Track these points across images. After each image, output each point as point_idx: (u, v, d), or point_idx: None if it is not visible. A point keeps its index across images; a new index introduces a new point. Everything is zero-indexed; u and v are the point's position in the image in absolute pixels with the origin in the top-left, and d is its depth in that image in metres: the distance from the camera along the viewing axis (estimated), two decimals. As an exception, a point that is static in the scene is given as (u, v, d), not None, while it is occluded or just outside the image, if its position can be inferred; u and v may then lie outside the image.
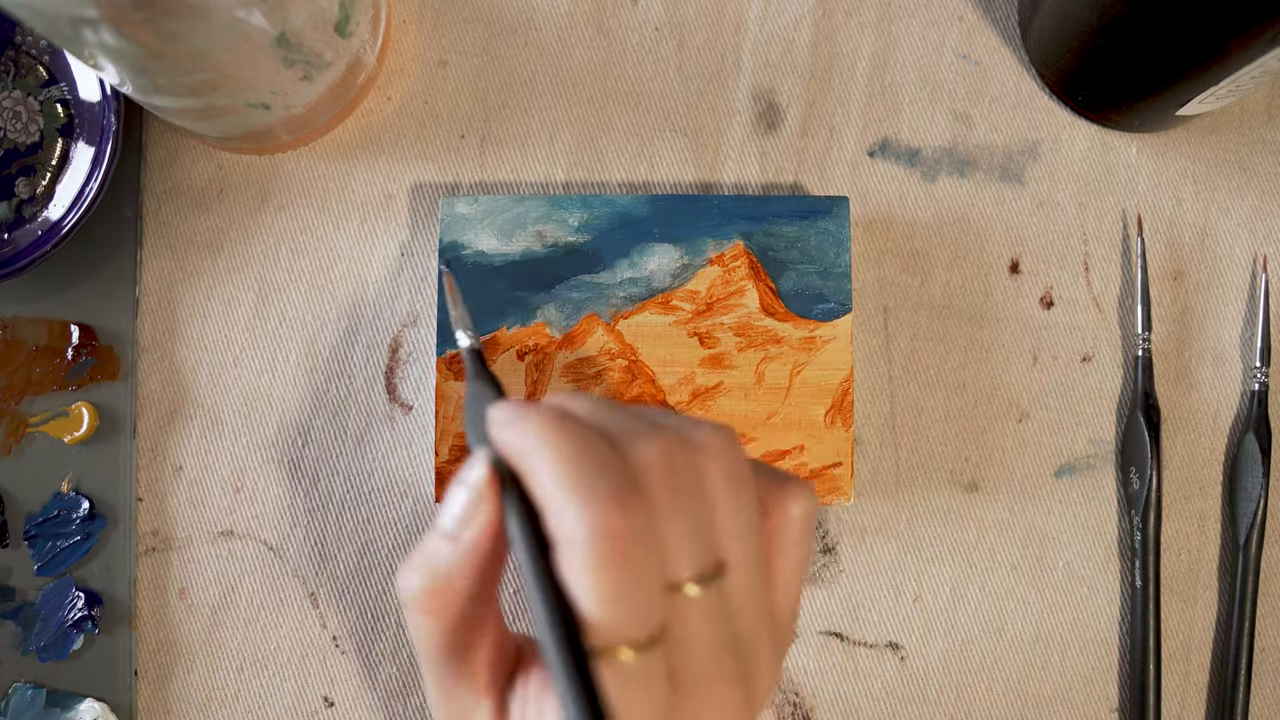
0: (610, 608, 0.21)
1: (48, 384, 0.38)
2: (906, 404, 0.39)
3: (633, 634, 0.21)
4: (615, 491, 0.21)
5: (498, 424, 0.24)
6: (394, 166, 0.39)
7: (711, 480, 0.23)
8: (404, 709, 0.38)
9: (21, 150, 0.38)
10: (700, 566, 0.22)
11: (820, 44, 0.39)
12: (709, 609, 0.22)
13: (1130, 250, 0.39)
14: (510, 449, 0.23)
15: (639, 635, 0.21)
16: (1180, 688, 0.38)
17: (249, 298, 0.39)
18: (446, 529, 0.23)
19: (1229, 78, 0.32)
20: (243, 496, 0.38)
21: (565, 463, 0.22)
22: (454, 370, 0.36)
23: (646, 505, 0.21)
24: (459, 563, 0.23)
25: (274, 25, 0.30)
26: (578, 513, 0.21)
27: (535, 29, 0.40)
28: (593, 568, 0.21)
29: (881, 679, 0.38)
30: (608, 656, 0.21)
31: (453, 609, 0.23)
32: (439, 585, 0.23)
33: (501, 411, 0.24)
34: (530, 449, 0.22)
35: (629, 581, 0.21)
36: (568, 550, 0.21)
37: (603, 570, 0.21)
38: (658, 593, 0.21)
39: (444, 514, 0.24)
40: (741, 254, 0.36)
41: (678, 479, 0.22)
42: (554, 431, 0.22)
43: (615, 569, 0.21)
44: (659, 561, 0.21)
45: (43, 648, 0.37)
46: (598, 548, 0.21)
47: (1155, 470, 0.37)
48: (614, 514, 0.21)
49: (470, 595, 0.23)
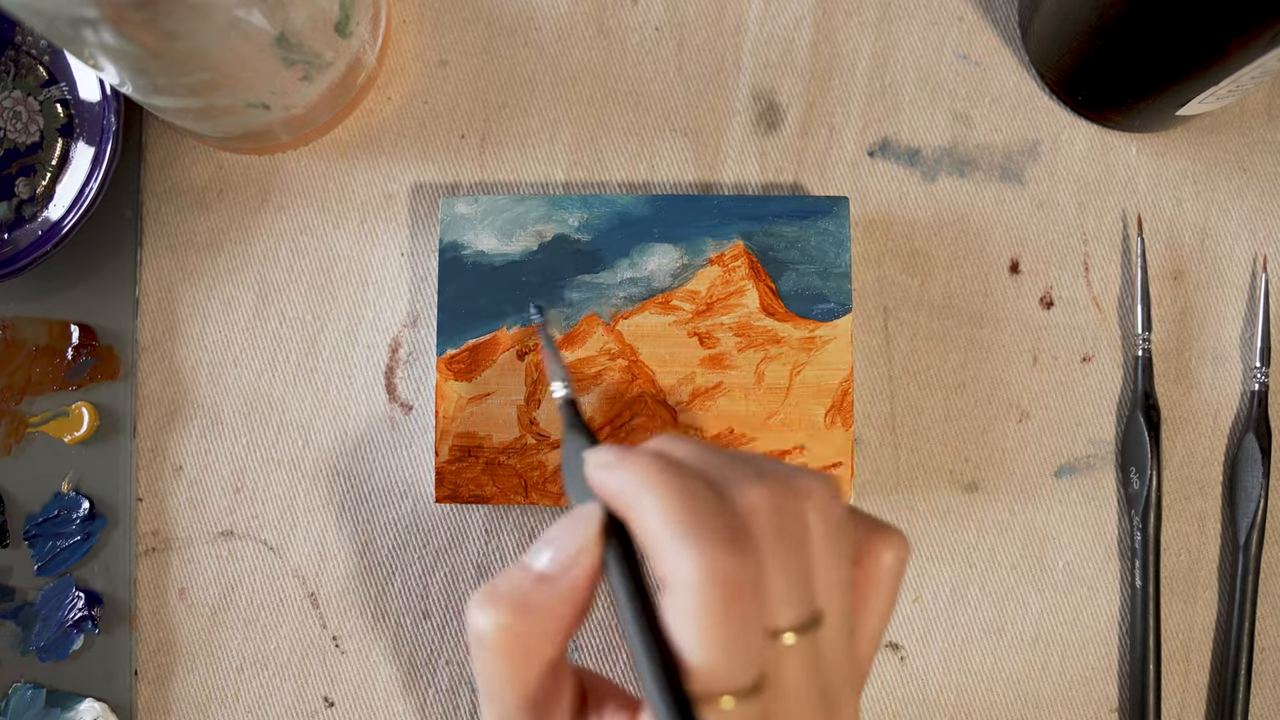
0: (716, 654, 0.20)
1: (48, 384, 0.38)
2: (906, 404, 0.39)
3: (736, 682, 0.21)
4: (726, 536, 0.21)
5: (598, 468, 0.23)
6: (394, 166, 0.39)
7: (813, 529, 0.23)
8: (404, 709, 0.38)
9: (21, 150, 0.38)
10: (799, 615, 0.22)
11: (820, 44, 0.39)
12: (804, 659, 0.22)
13: (1130, 250, 0.39)
14: (612, 493, 0.23)
15: (742, 683, 0.21)
16: (1180, 688, 0.38)
17: (249, 298, 0.39)
18: (542, 569, 0.23)
19: (1229, 78, 0.32)
20: (243, 496, 0.38)
21: (674, 507, 0.21)
22: (454, 370, 0.36)
23: (754, 551, 0.21)
24: (550, 605, 0.22)
25: (274, 25, 0.30)
26: (688, 557, 0.21)
27: (535, 29, 0.40)
28: (702, 613, 0.20)
29: (881, 679, 0.38)
30: (709, 704, 0.20)
31: (536, 653, 0.23)
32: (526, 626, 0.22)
33: (601, 455, 0.24)
34: (636, 493, 0.22)
35: (737, 628, 0.21)
36: (676, 595, 0.21)
37: (712, 616, 0.20)
38: (761, 640, 0.21)
39: (540, 555, 0.23)
40: (741, 254, 0.36)
41: (783, 526, 0.22)
42: (660, 476, 0.22)
43: (724, 615, 0.20)
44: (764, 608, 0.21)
45: (43, 648, 0.37)
46: (708, 593, 0.20)
47: (1155, 470, 0.37)
48: (725, 559, 0.21)
49: (556, 640, 0.23)
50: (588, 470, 0.24)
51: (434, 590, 0.38)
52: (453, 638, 0.38)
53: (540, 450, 0.36)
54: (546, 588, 0.23)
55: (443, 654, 0.38)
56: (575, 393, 0.29)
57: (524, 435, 0.36)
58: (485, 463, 0.36)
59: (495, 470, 0.36)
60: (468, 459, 0.36)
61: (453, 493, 0.36)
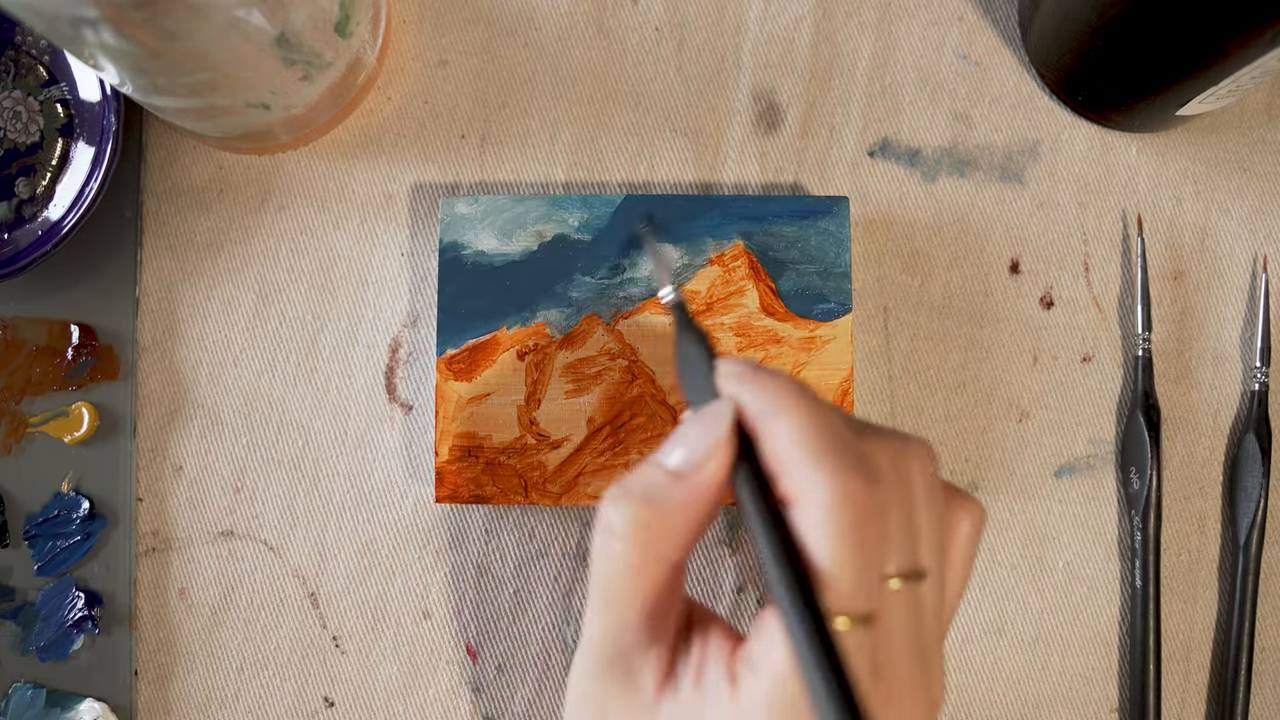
0: (845, 571, 0.21)
1: (48, 384, 0.38)
2: (906, 404, 0.39)
3: (857, 605, 0.21)
4: (860, 464, 0.22)
5: (732, 377, 0.24)
6: (394, 166, 0.39)
7: (917, 487, 0.23)
8: (404, 709, 0.38)
9: (21, 150, 0.38)
10: (906, 563, 0.22)
11: (820, 44, 0.39)
12: (908, 608, 0.22)
13: (1130, 250, 0.39)
14: (747, 405, 0.23)
15: (861, 608, 0.21)
16: (1180, 688, 0.38)
17: (249, 298, 0.39)
18: (676, 466, 0.23)
19: (1229, 78, 0.32)
20: (243, 496, 0.38)
21: (811, 428, 0.22)
22: (454, 370, 0.36)
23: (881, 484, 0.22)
24: (682, 502, 0.23)
25: (274, 25, 0.30)
26: (825, 476, 0.21)
27: (535, 29, 0.40)
28: (835, 530, 0.21)
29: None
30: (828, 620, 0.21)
31: (662, 550, 0.23)
32: (655, 519, 0.23)
33: (735, 365, 0.24)
34: (774, 409, 0.22)
35: (864, 550, 0.21)
36: (808, 511, 0.21)
37: (845, 534, 0.21)
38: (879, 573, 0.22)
39: (672, 452, 0.23)
40: (741, 254, 0.36)
41: (899, 473, 0.23)
42: (797, 397, 0.23)
43: (856, 535, 0.21)
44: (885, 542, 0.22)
45: (43, 648, 0.37)
46: (842, 512, 0.21)
47: (1155, 470, 0.37)
48: (859, 483, 0.21)
49: (683, 540, 0.23)
50: (720, 377, 0.24)
51: (434, 590, 0.38)
52: (453, 638, 0.38)
53: (540, 450, 0.36)
54: (679, 484, 0.23)
55: (443, 654, 0.38)
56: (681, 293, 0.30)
57: (524, 435, 0.36)
58: (485, 463, 0.36)
59: (495, 470, 0.36)
60: (468, 459, 0.36)
61: (453, 493, 0.36)
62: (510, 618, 0.38)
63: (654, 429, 0.36)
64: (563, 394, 0.36)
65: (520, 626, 0.38)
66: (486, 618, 0.38)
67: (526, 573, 0.38)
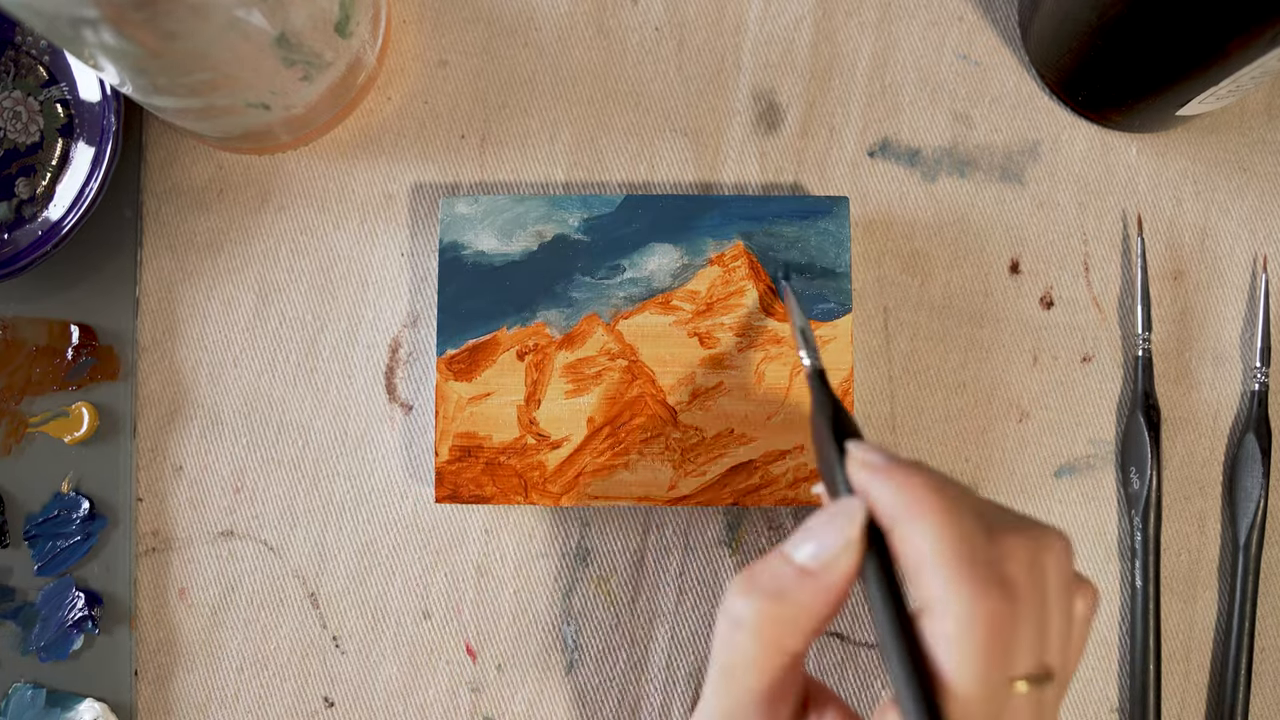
0: (971, 687, 0.21)
1: (48, 384, 0.38)
2: (906, 404, 0.39)
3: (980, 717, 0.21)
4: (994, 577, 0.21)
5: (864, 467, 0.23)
6: (394, 166, 0.39)
7: (1051, 585, 0.23)
8: (404, 709, 0.38)
9: (21, 150, 0.38)
10: (1034, 666, 0.22)
11: (820, 44, 0.39)
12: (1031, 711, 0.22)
13: (1130, 250, 0.39)
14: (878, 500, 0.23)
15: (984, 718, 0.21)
16: (1180, 688, 0.38)
17: (249, 298, 0.39)
18: (804, 562, 0.23)
19: (1229, 78, 0.32)
20: (243, 496, 0.38)
21: (948, 536, 0.22)
22: (454, 370, 0.36)
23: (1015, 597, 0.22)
24: (810, 600, 0.23)
25: (274, 25, 0.30)
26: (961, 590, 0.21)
27: (535, 29, 0.40)
28: (966, 646, 0.21)
29: (882, 679, 0.38)
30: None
31: (786, 644, 0.23)
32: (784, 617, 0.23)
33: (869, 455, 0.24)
34: (907, 511, 0.22)
35: (993, 667, 0.21)
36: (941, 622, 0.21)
37: (975, 651, 0.21)
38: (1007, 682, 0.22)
39: (802, 548, 0.23)
40: (741, 254, 0.36)
41: (1034, 577, 0.22)
42: (935, 499, 0.22)
43: (986, 653, 0.21)
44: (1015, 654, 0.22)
45: (43, 648, 0.37)
46: (975, 629, 0.21)
47: (1155, 470, 0.37)
48: (994, 600, 0.21)
49: (807, 635, 0.23)
50: (851, 468, 0.24)
51: (434, 590, 0.38)
52: (453, 638, 0.38)
53: (540, 450, 0.36)
54: (806, 581, 0.23)
55: (443, 654, 0.38)
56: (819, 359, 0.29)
57: (524, 435, 0.36)
58: (485, 463, 0.36)
59: (495, 470, 0.36)
60: (468, 459, 0.36)
61: (453, 493, 0.36)
62: (510, 618, 0.38)
63: (654, 429, 0.36)
64: (563, 394, 0.36)
65: (520, 626, 0.38)
66: (486, 618, 0.38)
67: (526, 573, 0.38)
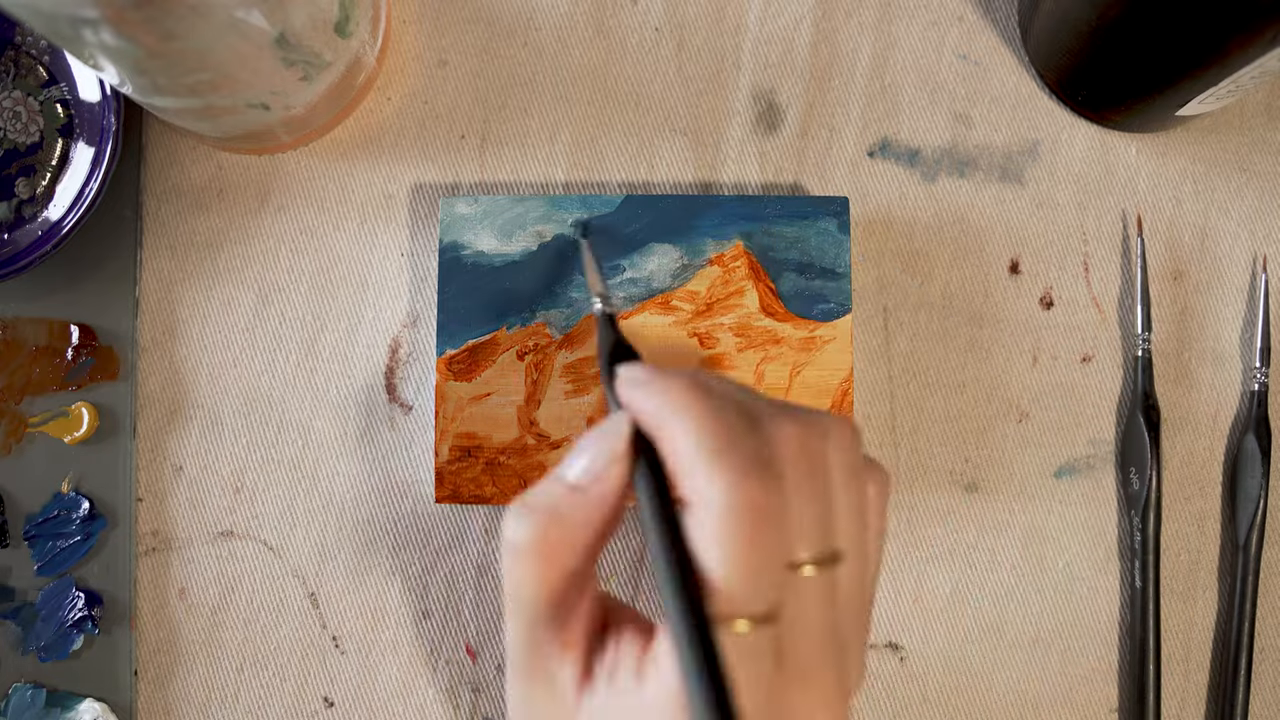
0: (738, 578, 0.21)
1: (48, 384, 0.38)
2: (906, 404, 0.39)
3: (753, 607, 0.21)
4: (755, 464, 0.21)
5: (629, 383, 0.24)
6: (394, 166, 0.39)
7: (834, 469, 0.23)
8: (404, 709, 0.38)
9: (21, 150, 0.38)
10: (819, 550, 0.22)
11: (820, 44, 0.39)
12: (821, 594, 0.22)
13: (1130, 250, 0.39)
14: (643, 411, 0.23)
15: (758, 609, 0.21)
16: (1180, 688, 0.38)
17: (249, 298, 0.39)
18: (574, 480, 0.23)
19: (1229, 78, 0.32)
20: (243, 496, 0.38)
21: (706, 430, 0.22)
22: (454, 370, 0.36)
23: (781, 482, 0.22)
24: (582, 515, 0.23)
25: (274, 25, 0.30)
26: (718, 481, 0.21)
27: (535, 29, 0.40)
28: (727, 537, 0.21)
29: (882, 679, 0.38)
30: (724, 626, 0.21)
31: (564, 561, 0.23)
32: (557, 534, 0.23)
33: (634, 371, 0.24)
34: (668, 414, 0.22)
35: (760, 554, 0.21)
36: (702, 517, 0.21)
37: (737, 541, 0.21)
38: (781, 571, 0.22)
39: (571, 465, 0.24)
40: (741, 254, 0.36)
41: (810, 462, 0.23)
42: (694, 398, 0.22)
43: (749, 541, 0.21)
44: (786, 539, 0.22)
45: (43, 648, 0.37)
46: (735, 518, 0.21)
47: (1155, 470, 0.37)
48: (753, 487, 0.21)
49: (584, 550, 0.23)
50: (619, 385, 0.24)
51: (434, 590, 0.38)
52: (452, 637, 0.38)
53: (540, 450, 0.36)
54: (577, 498, 0.23)
55: (443, 654, 0.38)
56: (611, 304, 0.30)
57: (524, 435, 0.36)
58: (485, 463, 0.36)
59: (495, 470, 0.36)
60: (468, 459, 0.36)
61: (453, 493, 0.36)
62: (510, 618, 0.38)
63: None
64: (563, 394, 0.36)
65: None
66: (486, 618, 0.38)
67: (526, 573, 0.38)
